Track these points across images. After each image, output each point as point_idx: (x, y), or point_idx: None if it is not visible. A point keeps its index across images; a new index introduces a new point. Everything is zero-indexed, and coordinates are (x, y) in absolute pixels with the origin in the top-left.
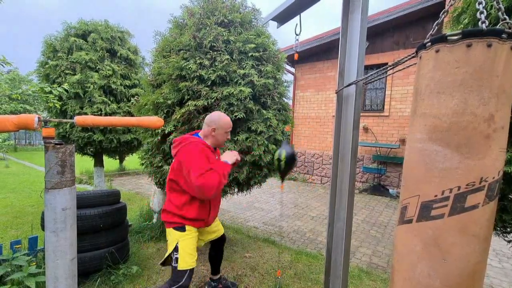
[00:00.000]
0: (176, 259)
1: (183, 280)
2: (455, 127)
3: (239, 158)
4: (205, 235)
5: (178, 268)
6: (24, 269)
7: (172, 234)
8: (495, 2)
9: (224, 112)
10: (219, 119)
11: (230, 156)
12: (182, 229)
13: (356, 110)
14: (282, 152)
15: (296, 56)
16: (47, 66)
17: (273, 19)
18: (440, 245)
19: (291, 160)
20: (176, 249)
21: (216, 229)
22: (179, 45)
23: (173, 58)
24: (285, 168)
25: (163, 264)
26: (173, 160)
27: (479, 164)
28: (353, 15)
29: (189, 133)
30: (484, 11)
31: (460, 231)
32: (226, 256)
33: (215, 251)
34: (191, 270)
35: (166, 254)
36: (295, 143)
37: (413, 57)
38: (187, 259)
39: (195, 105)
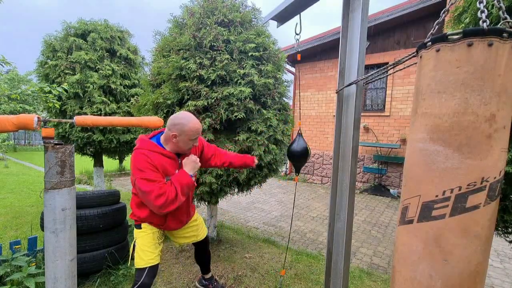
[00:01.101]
0: (133, 256)
1: (141, 279)
2: (456, 127)
3: (198, 165)
4: (178, 239)
5: (135, 266)
6: (23, 269)
7: (134, 231)
8: (496, 1)
9: (224, 113)
10: (184, 124)
11: (190, 166)
12: (138, 226)
13: (356, 110)
14: (306, 145)
15: (298, 57)
16: (46, 66)
17: (273, 19)
18: (441, 246)
19: (301, 153)
20: (134, 247)
21: (193, 235)
22: (179, 44)
23: (173, 57)
24: (296, 160)
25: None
26: None
27: (480, 164)
28: (354, 14)
29: (153, 132)
30: (485, 10)
31: (461, 231)
32: (226, 256)
33: (198, 253)
34: (152, 268)
35: (129, 253)
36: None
37: (413, 56)
38: (143, 257)
39: (195, 105)
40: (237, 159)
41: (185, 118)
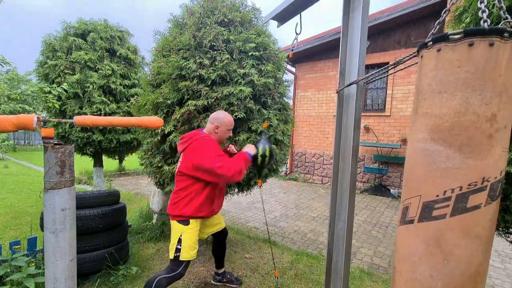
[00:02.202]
0: (178, 249)
1: (180, 269)
2: (457, 127)
3: (255, 151)
4: (207, 228)
5: (180, 259)
6: (23, 269)
7: (176, 227)
8: (497, 1)
9: None
10: (222, 117)
11: (251, 148)
12: (186, 222)
13: (357, 109)
14: (266, 148)
15: (290, 54)
16: (46, 65)
17: (273, 18)
18: (442, 246)
19: (272, 156)
20: (179, 241)
21: (218, 222)
22: (179, 44)
23: (173, 57)
24: (267, 163)
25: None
26: (181, 155)
27: (481, 164)
28: (354, 14)
29: (196, 130)
30: (486, 10)
31: (462, 231)
32: (226, 256)
33: (217, 244)
34: (188, 262)
35: (171, 245)
36: (295, 143)
37: (414, 56)
38: (189, 251)
39: (195, 104)
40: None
41: (222, 113)
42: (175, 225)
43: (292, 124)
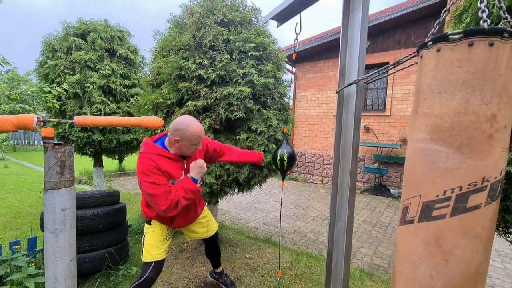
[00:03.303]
0: (142, 250)
1: (146, 273)
2: (457, 127)
3: (205, 170)
4: (188, 232)
5: (142, 260)
6: (23, 269)
7: (144, 227)
8: (496, 1)
9: (224, 113)
10: (185, 129)
11: (196, 170)
12: (149, 222)
13: (357, 109)
14: (284, 152)
15: (294, 56)
16: (46, 65)
17: (273, 18)
18: (442, 246)
19: (292, 160)
20: (143, 241)
21: (204, 231)
22: (179, 44)
23: (173, 57)
24: (287, 167)
25: None
26: None
27: (481, 164)
28: (354, 14)
29: (158, 135)
30: (486, 10)
31: (462, 231)
32: (227, 257)
33: (208, 247)
34: (158, 263)
35: (140, 248)
36: (295, 143)
37: (414, 56)
38: (150, 251)
39: (194, 105)
40: (245, 157)
41: (185, 123)
42: (145, 225)
43: (292, 124)
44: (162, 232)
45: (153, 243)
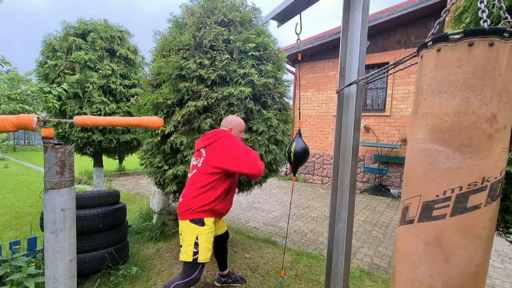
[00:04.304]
0: (195, 252)
1: (195, 273)
2: (457, 127)
3: None
4: (215, 230)
5: (198, 261)
6: (23, 269)
7: (191, 229)
8: (496, 1)
9: (225, 113)
10: (235, 120)
11: None
12: (201, 223)
13: (357, 109)
14: (293, 146)
15: (299, 56)
16: (46, 65)
17: (273, 18)
18: (442, 246)
19: (300, 154)
20: (196, 244)
21: (222, 225)
22: (179, 44)
23: (173, 57)
24: (294, 161)
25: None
26: (204, 153)
27: (481, 164)
28: (354, 13)
29: (216, 129)
30: (486, 10)
31: (462, 231)
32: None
33: (220, 247)
34: (203, 265)
35: (185, 248)
36: None
37: (414, 56)
38: (206, 252)
39: (195, 105)
40: None
41: (235, 117)
42: (189, 226)
43: (292, 124)
44: (213, 234)
45: (208, 245)
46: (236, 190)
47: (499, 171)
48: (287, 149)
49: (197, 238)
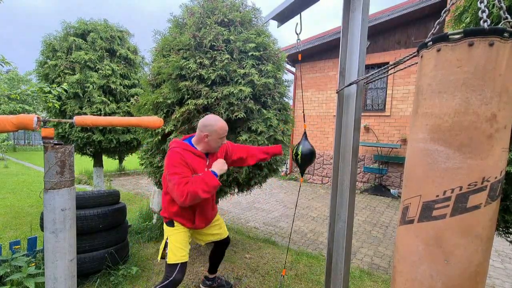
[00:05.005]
0: (165, 253)
1: (173, 275)
2: (457, 127)
3: (226, 168)
4: (203, 236)
5: (168, 262)
6: (23, 269)
7: (165, 230)
8: (496, 1)
9: (224, 112)
10: (213, 124)
11: (217, 166)
12: (171, 224)
13: (357, 109)
14: (299, 148)
15: (299, 57)
16: (46, 65)
17: (273, 19)
18: (442, 246)
19: (307, 155)
20: (166, 244)
21: (217, 232)
22: (179, 44)
23: (173, 57)
24: (302, 162)
25: (163, 258)
26: None
27: (481, 164)
28: (354, 13)
29: (184, 136)
30: (486, 10)
31: (462, 231)
32: (227, 257)
33: (218, 251)
34: (183, 264)
35: (160, 249)
36: (295, 142)
37: (414, 56)
38: (176, 253)
39: (195, 104)
40: (268, 154)
41: (213, 119)
42: (164, 228)
43: (292, 124)
44: (186, 234)
45: (178, 245)
46: (236, 190)
47: (499, 171)
48: (294, 151)
49: (167, 238)
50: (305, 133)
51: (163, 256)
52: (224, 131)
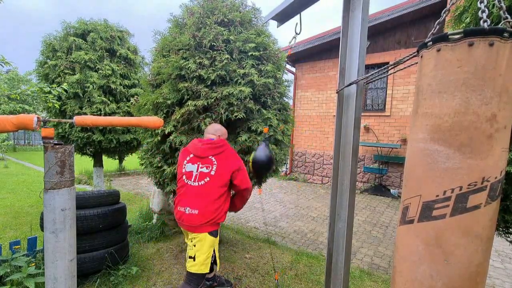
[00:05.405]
0: (213, 264)
1: (202, 283)
2: (457, 127)
3: None
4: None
5: (215, 271)
6: (23, 269)
7: (207, 241)
8: (496, 1)
9: (224, 113)
10: (221, 129)
11: None
12: (217, 234)
13: (357, 109)
14: (252, 154)
15: (289, 52)
16: (46, 65)
17: (273, 18)
18: (442, 246)
19: (264, 162)
20: (214, 255)
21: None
22: (179, 44)
23: (173, 57)
24: (255, 170)
25: (211, 271)
26: (216, 162)
27: (481, 164)
28: (354, 13)
29: (220, 138)
30: (486, 10)
31: (462, 231)
32: (226, 256)
33: None
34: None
35: (203, 260)
36: (295, 143)
37: (414, 56)
38: (218, 262)
39: (195, 105)
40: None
41: (219, 125)
42: (206, 238)
43: (292, 124)
44: None
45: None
46: None
47: (499, 171)
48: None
49: (214, 250)
50: (266, 138)
51: (212, 269)
52: (227, 135)
